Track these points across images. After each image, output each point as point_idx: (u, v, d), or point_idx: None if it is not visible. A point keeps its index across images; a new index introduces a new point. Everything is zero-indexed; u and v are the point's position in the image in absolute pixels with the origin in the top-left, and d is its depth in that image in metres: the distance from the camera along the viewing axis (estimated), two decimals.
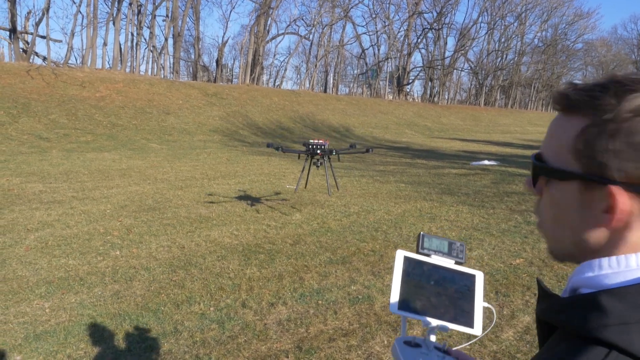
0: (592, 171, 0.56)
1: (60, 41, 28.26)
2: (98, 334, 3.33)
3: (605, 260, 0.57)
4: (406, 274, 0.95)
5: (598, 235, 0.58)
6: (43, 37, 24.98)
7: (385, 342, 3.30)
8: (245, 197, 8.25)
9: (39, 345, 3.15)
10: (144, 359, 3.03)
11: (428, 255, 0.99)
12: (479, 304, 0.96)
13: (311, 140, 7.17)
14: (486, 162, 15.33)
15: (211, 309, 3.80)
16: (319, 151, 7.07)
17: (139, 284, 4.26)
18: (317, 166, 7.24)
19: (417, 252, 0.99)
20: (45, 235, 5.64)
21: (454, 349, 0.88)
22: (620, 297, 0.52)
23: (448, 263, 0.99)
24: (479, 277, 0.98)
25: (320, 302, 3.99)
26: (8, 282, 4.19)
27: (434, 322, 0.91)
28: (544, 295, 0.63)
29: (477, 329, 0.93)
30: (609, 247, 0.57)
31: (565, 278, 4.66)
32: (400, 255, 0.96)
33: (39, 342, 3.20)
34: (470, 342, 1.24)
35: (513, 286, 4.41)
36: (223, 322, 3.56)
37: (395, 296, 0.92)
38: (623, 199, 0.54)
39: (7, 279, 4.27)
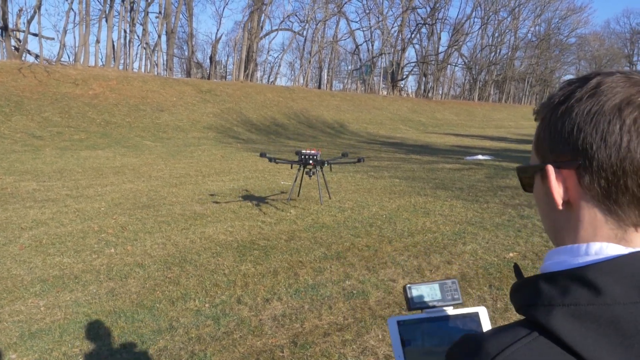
0: (542, 160, 0.60)
1: (53, 39, 28.08)
2: (93, 331, 3.34)
3: (561, 248, 0.59)
4: (407, 344, 0.84)
5: (561, 220, 0.60)
6: (35, 34, 24.81)
7: (380, 337, 3.32)
8: (239, 194, 8.25)
9: (34, 344, 3.16)
10: (140, 356, 3.04)
11: (421, 310, 0.89)
12: None
13: (303, 151, 7.20)
14: (480, 156, 15.39)
15: (206, 305, 3.82)
16: (311, 161, 7.11)
17: (134, 282, 4.27)
18: (310, 176, 7.30)
19: (409, 310, 0.89)
20: (39, 233, 5.63)
21: None
22: (552, 281, 0.54)
23: (446, 310, 0.89)
24: (483, 313, 0.89)
25: (315, 297, 4.01)
26: (2, 281, 4.18)
27: None
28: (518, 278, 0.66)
29: None
30: (571, 230, 0.59)
31: None
32: (393, 324, 0.85)
33: (34, 340, 3.20)
34: None
35: (506, 279, 4.45)
36: (218, 318, 3.58)
37: None
38: (556, 177, 0.58)
39: (2, 277, 4.27)
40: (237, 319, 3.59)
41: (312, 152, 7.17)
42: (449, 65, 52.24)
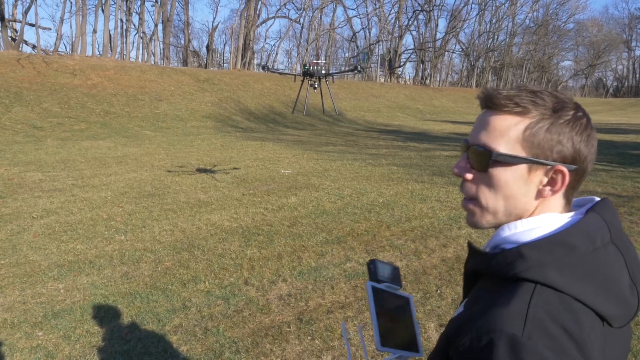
0: (537, 155, 0.78)
1: (50, 29, 28.07)
2: (112, 311, 3.58)
3: (518, 223, 0.80)
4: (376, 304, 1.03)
5: (531, 203, 0.81)
6: (32, 25, 24.81)
7: None
8: (241, 182, 8.47)
9: (58, 323, 3.39)
10: (158, 332, 3.28)
11: (378, 282, 1.10)
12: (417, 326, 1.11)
13: (308, 61, 7.29)
14: None
15: (216, 287, 4.05)
16: (311, 72, 7.12)
17: (146, 265, 4.50)
18: (315, 88, 7.36)
19: (371, 280, 1.09)
20: (50, 222, 5.84)
21: None
22: (535, 248, 0.75)
23: (397, 289, 1.12)
24: (411, 301, 1.14)
25: (317, 278, 4.25)
26: (21, 266, 4.41)
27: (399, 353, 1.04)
28: (475, 252, 0.85)
29: (421, 352, 1.07)
30: (534, 212, 0.81)
31: None
32: (369, 287, 1.05)
33: (58, 319, 3.44)
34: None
35: None
36: (228, 298, 3.81)
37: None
38: (550, 178, 0.79)
39: (20, 263, 4.49)
40: (246, 298, 3.83)
41: (317, 62, 7.25)
42: (446, 52, 52.25)
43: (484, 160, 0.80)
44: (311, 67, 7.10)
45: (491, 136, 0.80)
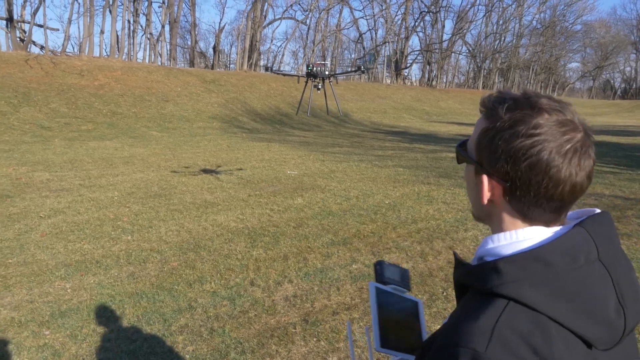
0: (480, 161, 0.79)
1: (58, 30, 28.35)
2: (119, 310, 3.59)
3: (500, 235, 0.79)
4: (380, 305, 1.03)
5: (482, 206, 0.82)
6: (40, 25, 24.97)
7: None
8: (248, 183, 8.48)
9: (65, 322, 3.41)
10: (164, 332, 3.29)
11: (384, 283, 1.09)
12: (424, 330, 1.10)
13: (312, 63, 7.32)
14: None
15: (222, 287, 4.06)
16: (315, 73, 7.13)
17: (152, 266, 4.52)
18: (318, 89, 7.38)
19: (377, 281, 1.09)
20: (58, 221, 5.88)
21: None
22: (512, 262, 0.73)
23: (405, 291, 1.12)
24: (421, 305, 1.13)
25: (323, 280, 4.24)
26: (29, 266, 4.43)
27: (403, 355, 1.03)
28: (458, 264, 0.84)
29: None
30: (493, 219, 0.81)
31: None
32: (372, 287, 1.05)
33: (65, 318, 3.45)
34: None
35: None
36: (234, 299, 3.82)
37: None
38: (488, 185, 0.78)
39: (27, 262, 4.52)
40: (251, 299, 3.83)
41: (321, 63, 7.28)
42: (453, 54, 52.11)
43: (457, 154, 0.87)
44: (315, 68, 7.14)
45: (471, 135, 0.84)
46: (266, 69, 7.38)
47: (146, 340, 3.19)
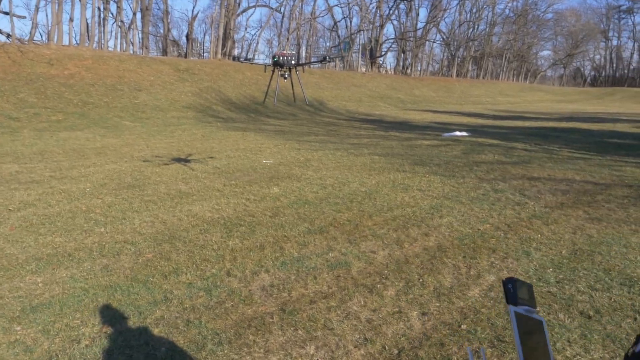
0: None
1: (25, 17, 27.22)
2: (92, 304, 3.53)
3: None
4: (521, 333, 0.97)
5: None
6: (6, 13, 24.06)
7: (362, 303, 3.59)
8: (223, 173, 8.41)
9: (36, 317, 3.34)
10: (138, 325, 3.25)
11: (515, 305, 1.02)
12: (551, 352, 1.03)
13: (278, 52, 7.34)
14: (457, 133, 15.73)
15: (197, 278, 4.03)
16: (281, 62, 7.16)
17: (127, 258, 4.45)
18: (285, 78, 7.39)
19: (509, 303, 1.01)
20: (28, 214, 5.73)
21: None
22: None
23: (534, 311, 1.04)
24: (544, 325, 1.05)
25: (300, 268, 4.25)
26: None
27: None
28: None
29: None
30: None
31: (528, 241, 5.03)
32: (512, 313, 0.99)
33: (36, 313, 3.38)
34: None
35: (480, 249, 4.75)
36: (210, 290, 3.80)
37: None
38: None
39: None
40: (228, 290, 3.81)
41: (287, 53, 7.30)
42: (427, 42, 52.38)
43: None
44: (281, 58, 7.14)
45: None
46: (234, 58, 7.30)
47: (121, 333, 3.14)
